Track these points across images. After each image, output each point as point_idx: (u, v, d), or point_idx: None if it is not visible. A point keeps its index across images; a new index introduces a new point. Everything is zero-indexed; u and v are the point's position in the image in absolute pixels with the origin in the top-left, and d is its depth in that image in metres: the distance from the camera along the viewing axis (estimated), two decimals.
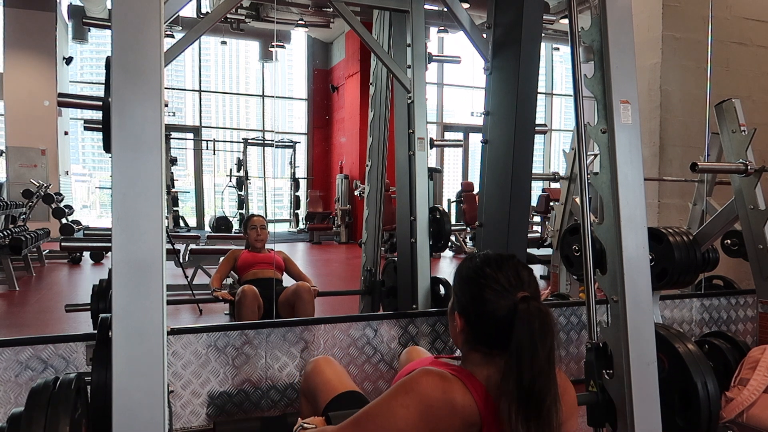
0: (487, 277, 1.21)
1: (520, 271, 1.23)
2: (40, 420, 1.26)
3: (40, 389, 1.33)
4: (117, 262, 1.27)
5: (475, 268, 1.25)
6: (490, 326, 1.20)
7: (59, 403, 1.29)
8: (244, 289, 3.38)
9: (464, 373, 1.23)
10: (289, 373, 2.39)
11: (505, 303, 1.18)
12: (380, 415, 1.21)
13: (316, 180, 12.57)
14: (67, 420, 1.27)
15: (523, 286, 1.21)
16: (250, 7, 10.32)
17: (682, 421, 1.98)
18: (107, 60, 1.51)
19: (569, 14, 1.87)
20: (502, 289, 1.19)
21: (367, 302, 3.77)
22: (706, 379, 1.96)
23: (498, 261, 1.24)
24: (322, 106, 12.78)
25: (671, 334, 2.09)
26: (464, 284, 1.26)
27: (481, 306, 1.21)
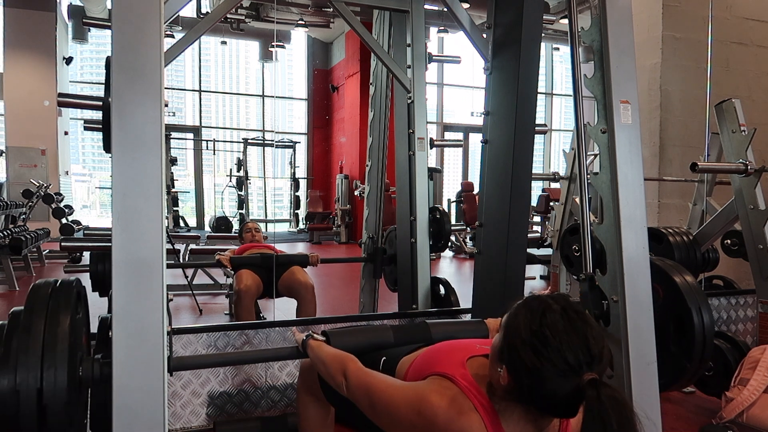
0: (550, 348, 1.00)
1: (590, 341, 1.01)
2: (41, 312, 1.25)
3: (41, 285, 1.33)
4: (117, 262, 1.26)
5: (536, 330, 1.02)
6: (545, 400, 1.03)
7: (60, 298, 1.29)
8: (242, 288, 3.38)
9: (491, 412, 1.10)
10: (289, 373, 2.39)
11: (568, 386, 0.99)
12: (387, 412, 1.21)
13: (316, 180, 12.57)
14: (68, 313, 1.26)
15: (592, 363, 1.00)
16: (250, 7, 10.32)
17: (676, 348, 2.00)
18: (107, 60, 1.51)
19: (569, 14, 1.87)
20: (566, 369, 0.99)
21: (368, 270, 3.78)
22: (701, 306, 1.98)
23: (564, 323, 1.02)
24: (322, 106, 12.78)
25: (667, 264, 2.12)
26: (519, 344, 1.04)
27: (536, 380, 1.01)
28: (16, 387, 1.21)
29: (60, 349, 1.23)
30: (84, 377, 1.36)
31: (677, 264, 2.16)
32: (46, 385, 1.22)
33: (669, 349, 2.02)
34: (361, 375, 1.32)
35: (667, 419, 2.53)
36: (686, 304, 1.98)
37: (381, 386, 1.26)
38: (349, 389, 1.34)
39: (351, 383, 1.33)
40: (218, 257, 3.57)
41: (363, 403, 1.29)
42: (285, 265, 3.60)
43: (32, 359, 1.22)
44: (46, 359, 1.22)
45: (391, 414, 1.21)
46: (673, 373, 2.03)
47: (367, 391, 1.27)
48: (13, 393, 1.21)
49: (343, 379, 1.35)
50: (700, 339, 1.95)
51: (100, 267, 2.71)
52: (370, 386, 1.27)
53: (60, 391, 1.23)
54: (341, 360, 1.40)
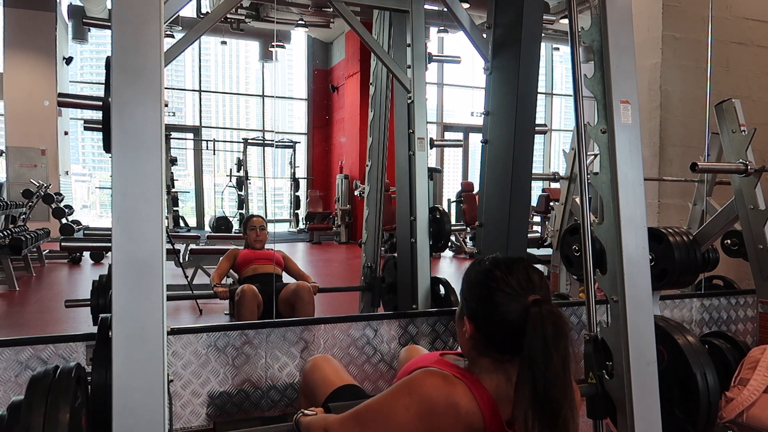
0: (497, 280, 1.18)
1: (531, 274, 1.20)
2: (40, 407, 1.26)
3: (40, 377, 1.33)
4: (117, 262, 1.26)
5: (485, 272, 1.21)
6: (501, 331, 1.17)
7: (59, 391, 1.29)
8: (244, 288, 3.38)
9: (470, 377, 1.20)
10: (289, 373, 2.39)
11: (515, 306, 1.14)
12: (381, 414, 1.21)
13: (316, 180, 12.57)
14: (67, 408, 1.27)
15: (534, 289, 1.17)
16: (250, 7, 10.32)
17: (681, 413, 1.98)
18: (107, 60, 1.51)
19: (569, 14, 1.87)
20: (512, 292, 1.16)
21: (367, 299, 3.77)
22: (706, 370, 1.96)
23: (508, 264, 1.21)
24: (322, 106, 12.78)
25: (670, 326, 2.09)
26: (473, 288, 1.23)
27: (491, 310, 1.17)
28: None
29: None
30: None
31: (680, 324, 2.13)
32: None
33: (674, 414, 1.99)
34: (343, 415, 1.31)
35: None
36: (690, 369, 1.96)
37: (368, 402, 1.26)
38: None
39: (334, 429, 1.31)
40: (216, 290, 3.54)
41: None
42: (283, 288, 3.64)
43: None
44: None
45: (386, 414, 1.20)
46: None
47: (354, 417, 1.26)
48: None
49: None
50: (705, 404, 1.92)
51: (101, 301, 2.63)
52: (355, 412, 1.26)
53: None
54: (323, 419, 1.40)
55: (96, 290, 2.67)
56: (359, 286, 3.83)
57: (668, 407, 1.91)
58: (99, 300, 2.64)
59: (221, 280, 3.76)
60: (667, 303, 3.12)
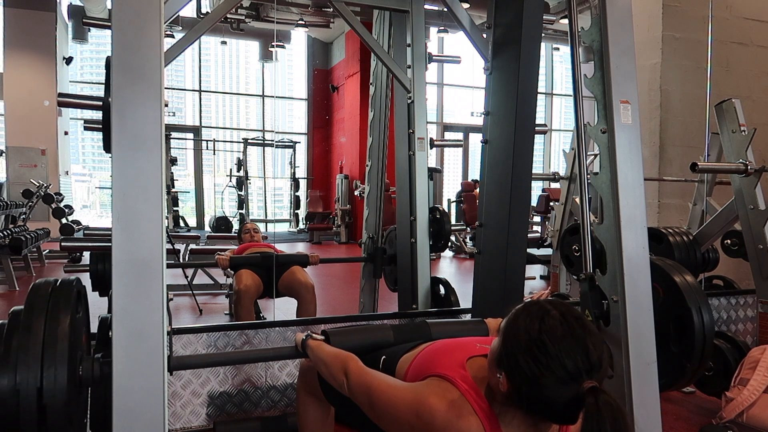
0: (549, 356, 0.99)
1: (590, 349, 1.01)
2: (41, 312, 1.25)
3: (41, 285, 1.33)
4: (117, 262, 1.26)
5: (535, 337, 1.02)
6: (544, 408, 1.03)
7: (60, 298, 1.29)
8: (242, 288, 3.38)
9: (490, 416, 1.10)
10: (289, 373, 2.39)
11: (568, 393, 0.99)
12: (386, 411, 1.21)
13: (316, 180, 12.57)
14: (68, 313, 1.26)
15: (592, 370, 1.00)
16: (250, 7, 10.32)
17: (676, 347, 2.00)
18: (107, 60, 1.51)
19: (569, 14, 1.87)
20: (565, 377, 0.99)
21: (368, 270, 3.78)
22: (701, 305, 1.98)
23: (563, 330, 1.01)
24: (322, 106, 12.78)
25: (667, 264, 2.12)
26: (518, 352, 1.03)
27: (536, 388, 1.01)
28: (16, 386, 1.21)
29: (60, 349, 1.23)
30: (84, 377, 1.36)
31: (677, 264, 2.15)
32: (46, 385, 1.22)
33: (669, 349, 2.01)
34: (362, 374, 1.32)
35: (667, 419, 2.53)
36: (686, 304, 1.98)
37: (381, 386, 1.26)
38: (350, 388, 1.34)
39: (352, 382, 1.33)
40: (218, 258, 3.57)
41: (363, 403, 1.29)
42: (285, 265, 3.60)
43: (32, 359, 1.22)
44: (46, 358, 1.22)
45: (390, 414, 1.21)
46: (674, 373, 2.03)
47: (368, 390, 1.27)
48: (13, 392, 1.21)
49: (344, 378, 1.35)
50: (700, 339, 1.95)
51: (100, 267, 2.69)
52: (370, 386, 1.27)
53: (60, 391, 1.23)
54: (342, 359, 1.40)
55: (95, 256, 2.71)
56: (361, 257, 3.83)
57: (664, 343, 1.92)
58: (98, 265, 2.68)
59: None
60: None
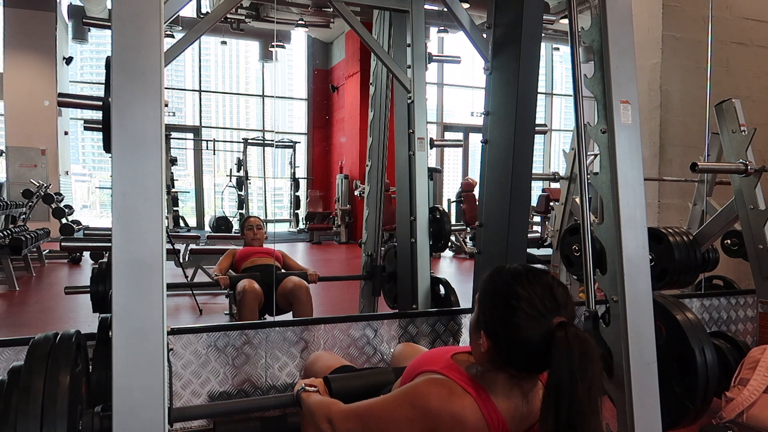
0: (519, 298, 1.09)
1: (555, 290, 1.11)
2: (40, 371, 1.25)
3: (41, 341, 1.32)
4: (117, 262, 1.26)
5: (505, 286, 1.13)
6: (522, 352, 1.10)
7: (60, 355, 1.28)
8: (246, 287, 3.38)
9: (480, 390, 1.14)
10: (289, 373, 2.39)
11: (539, 329, 1.07)
12: (383, 421, 1.20)
13: (316, 180, 12.57)
14: (67, 371, 1.26)
15: (559, 308, 1.09)
16: (250, 7, 10.32)
17: (679, 388, 1.98)
18: (107, 60, 1.51)
19: (569, 14, 1.87)
20: (536, 313, 1.08)
21: (367, 287, 3.78)
22: (704, 345, 1.96)
23: (530, 278, 1.12)
24: (322, 106, 12.78)
25: (669, 302, 2.10)
26: (492, 304, 1.14)
27: (511, 331, 1.09)
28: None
29: (59, 408, 1.22)
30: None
31: (678, 300, 2.13)
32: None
33: (672, 389, 1.98)
34: (346, 409, 1.31)
35: None
36: (689, 344, 1.95)
37: (371, 404, 1.26)
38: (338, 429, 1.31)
39: (337, 422, 1.30)
40: (217, 279, 3.57)
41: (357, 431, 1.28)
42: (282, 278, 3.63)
43: (32, 419, 1.20)
44: (45, 419, 1.20)
45: (388, 421, 1.19)
46: (676, 413, 1.99)
47: (359, 417, 1.25)
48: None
49: (327, 424, 1.33)
50: (703, 379, 1.92)
51: (101, 288, 2.63)
52: (359, 411, 1.26)
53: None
54: (326, 404, 1.39)
55: (95, 276, 2.68)
56: (360, 275, 3.84)
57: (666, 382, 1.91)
58: (99, 286, 2.65)
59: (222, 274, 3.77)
60: None
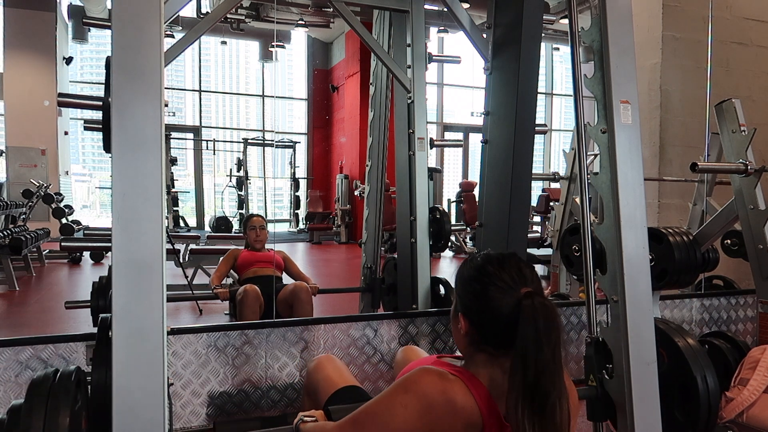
0: (490, 275, 1.21)
1: (523, 268, 1.23)
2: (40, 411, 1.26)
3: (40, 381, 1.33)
4: (117, 262, 1.26)
5: (477, 267, 1.24)
6: (495, 324, 1.19)
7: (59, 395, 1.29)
8: (246, 288, 3.38)
9: (466, 374, 1.22)
10: (289, 373, 2.39)
11: (509, 300, 1.17)
12: (379, 414, 1.21)
13: (316, 180, 12.57)
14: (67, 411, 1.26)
15: (526, 282, 1.20)
16: (250, 7, 10.32)
17: (681, 415, 1.98)
18: (107, 60, 1.51)
19: (569, 14, 1.87)
20: (505, 286, 1.18)
21: (367, 299, 3.77)
22: (706, 373, 1.96)
23: (499, 259, 1.24)
24: (322, 106, 12.78)
25: (671, 328, 2.08)
26: (466, 284, 1.25)
27: (484, 305, 1.20)
28: None
29: None
30: None
31: (680, 327, 2.12)
32: None
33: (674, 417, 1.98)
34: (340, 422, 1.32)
35: None
36: (691, 372, 1.95)
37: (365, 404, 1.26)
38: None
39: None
40: (217, 292, 3.56)
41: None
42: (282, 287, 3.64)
43: None
44: None
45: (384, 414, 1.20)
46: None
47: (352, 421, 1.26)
48: None
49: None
50: (705, 407, 1.92)
51: (102, 303, 2.62)
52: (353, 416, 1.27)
53: None
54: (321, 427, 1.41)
55: (96, 291, 2.67)
56: (359, 287, 3.83)
57: (668, 410, 1.90)
58: (99, 301, 2.63)
59: (221, 281, 3.76)
60: (667, 303, 3.12)
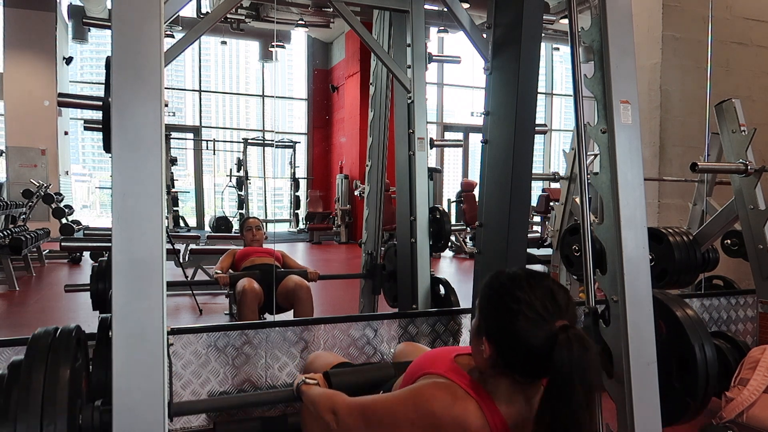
0: (519, 302, 1.07)
1: (556, 294, 1.09)
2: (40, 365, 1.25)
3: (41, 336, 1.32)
4: (117, 262, 1.26)
5: (505, 291, 1.10)
6: (523, 357, 1.08)
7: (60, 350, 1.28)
8: (246, 287, 3.38)
9: (483, 395, 1.13)
10: (289, 373, 2.39)
11: (541, 333, 1.05)
12: (385, 423, 1.20)
13: (316, 180, 12.57)
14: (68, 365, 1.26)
15: (560, 311, 1.07)
16: (250, 7, 10.32)
17: (679, 384, 1.99)
18: (107, 60, 1.51)
19: (569, 14, 1.87)
20: (537, 317, 1.06)
21: (368, 286, 3.78)
22: (704, 342, 1.97)
23: (531, 283, 1.10)
24: (322, 106, 12.78)
25: (669, 298, 2.10)
26: (493, 309, 1.12)
27: (513, 336, 1.07)
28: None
29: (59, 403, 1.22)
30: (83, 426, 1.35)
31: (678, 297, 2.13)
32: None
33: (672, 386, 1.99)
34: (350, 403, 1.32)
35: None
36: (689, 341, 1.96)
37: (374, 401, 1.26)
38: (341, 422, 1.31)
39: (342, 414, 1.31)
40: (217, 277, 3.58)
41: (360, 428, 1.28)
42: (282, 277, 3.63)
43: (32, 415, 1.20)
44: (45, 414, 1.21)
45: (389, 421, 1.20)
46: (676, 409, 2.00)
47: (362, 412, 1.26)
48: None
49: (332, 415, 1.34)
50: (703, 375, 1.93)
51: (101, 286, 2.63)
52: (363, 407, 1.27)
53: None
54: (329, 396, 1.40)
55: (95, 274, 2.68)
56: (360, 273, 3.84)
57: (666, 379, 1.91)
58: (99, 284, 2.65)
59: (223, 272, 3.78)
60: None
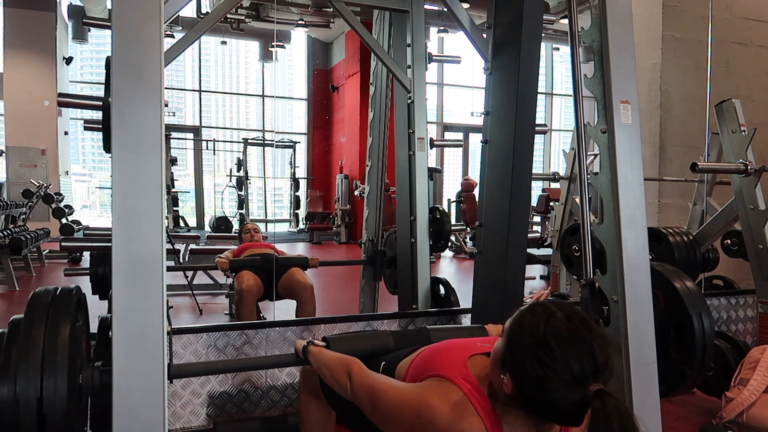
0: (555, 359, 0.97)
1: (596, 350, 0.98)
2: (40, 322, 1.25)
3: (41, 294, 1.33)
4: (117, 262, 1.26)
5: (541, 342, 0.99)
6: (549, 410, 1.01)
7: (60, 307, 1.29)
8: (243, 287, 3.38)
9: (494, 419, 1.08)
10: (289, 373, 2.39)
11: (573, 397, 0.97)
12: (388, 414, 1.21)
13: (316, 180, 12.57)
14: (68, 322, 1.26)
15: (598, 373, 0.98)
16: (250, 7, 10.31)
17: (676, 354, 2.00)
18: (107, 60, 1.51)
19: (569, 14, 1.87)
20: (572, 380, 0.96)
21: (368, 272, 3.79)
22: (701, 312, 1.98)
23: (569, 332, 0.99)
24: (322, 106, 12.78)
25: (667, 270, 2.11)
26: (523, 355, 1.01)
27: (541, 391, 0.99)
28: (15, 396, 1.21)
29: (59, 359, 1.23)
30: (84, 385, 1.36)
31: (677, 269, 2.14)
32: (46, 395, 1.22)
33: (669, 355, 2.01)
34: (365, 376, 1.33)
35: (667, 419, 2.53)
36: (686, 311, 1.97)
37: (384, 387, 1.26)
38: (353, 390, 1.34)
39: (355, 384, 1.33)
40: (217, 261, 3.58)
41: (365, 405, 1.30)
42: (284, 267, 3.60)
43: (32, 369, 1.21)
44: (45, 369, 1.22)
45: (392, 415, 1.21)
46: (674, 379, 2.02)
47: (371, 392, 1.27)
48: (13, 402, 1.21)
49: (347, 380, 1.36)
50: (700, 345, 1.95)
51: (100, 270, 2.67)
52: (373, 387, 1.28)
53: (60, 400, 1.23)
54: (345, 362, 1.40)
55: (95, 258, 2.71)
56: (361, 260, 3.84)
57: (664, 349, 1.92)
58: (98, 269, 2.67)
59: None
60: None
